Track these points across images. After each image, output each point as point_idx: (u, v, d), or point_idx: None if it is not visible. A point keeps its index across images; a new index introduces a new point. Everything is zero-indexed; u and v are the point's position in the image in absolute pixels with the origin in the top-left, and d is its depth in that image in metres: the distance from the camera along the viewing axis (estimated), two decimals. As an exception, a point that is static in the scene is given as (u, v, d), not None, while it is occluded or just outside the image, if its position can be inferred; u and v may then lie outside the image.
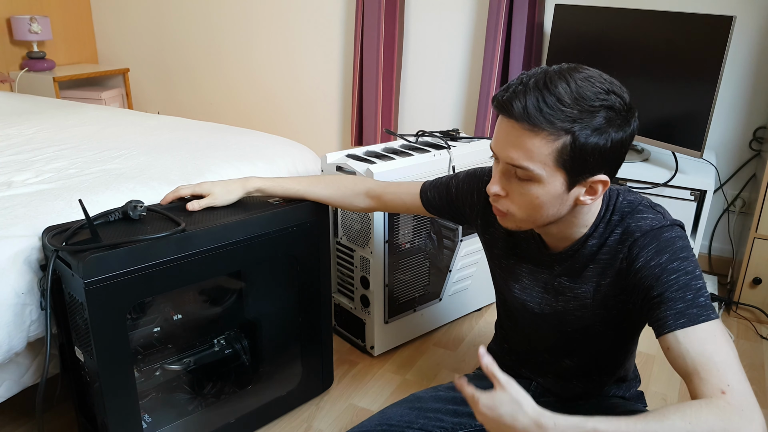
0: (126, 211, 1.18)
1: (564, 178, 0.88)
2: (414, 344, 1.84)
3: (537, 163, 0.86)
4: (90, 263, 1.02)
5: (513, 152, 0.88)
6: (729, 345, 0.83)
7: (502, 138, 0.89)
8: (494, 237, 1.15)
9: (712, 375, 0.79)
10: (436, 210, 1.27)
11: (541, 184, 0.88)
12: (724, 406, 0.76)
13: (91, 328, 1.05)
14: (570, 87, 0.84)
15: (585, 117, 0.84)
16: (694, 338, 0.83)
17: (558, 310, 1.07)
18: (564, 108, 0.83)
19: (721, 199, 2.29)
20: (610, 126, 0.85)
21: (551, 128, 0.84)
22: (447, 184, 1.24)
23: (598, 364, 1.12)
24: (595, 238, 0.99)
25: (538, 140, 0.85)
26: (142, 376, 1.31)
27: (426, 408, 1.16)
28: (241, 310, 1.42)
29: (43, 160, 1.56)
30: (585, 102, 0.84)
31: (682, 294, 0.86)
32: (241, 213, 1.25)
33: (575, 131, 0.84)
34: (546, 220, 0.94)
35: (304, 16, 2.94)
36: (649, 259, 0.91)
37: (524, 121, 0.85)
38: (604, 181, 0.90)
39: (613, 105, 0.85)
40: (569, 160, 0.86)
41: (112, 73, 3.42)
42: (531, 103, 0.84)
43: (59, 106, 2.32)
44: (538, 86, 0.84)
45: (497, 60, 2.42)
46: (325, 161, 1.66)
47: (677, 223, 0.95)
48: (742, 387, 0.78)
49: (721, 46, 1.70)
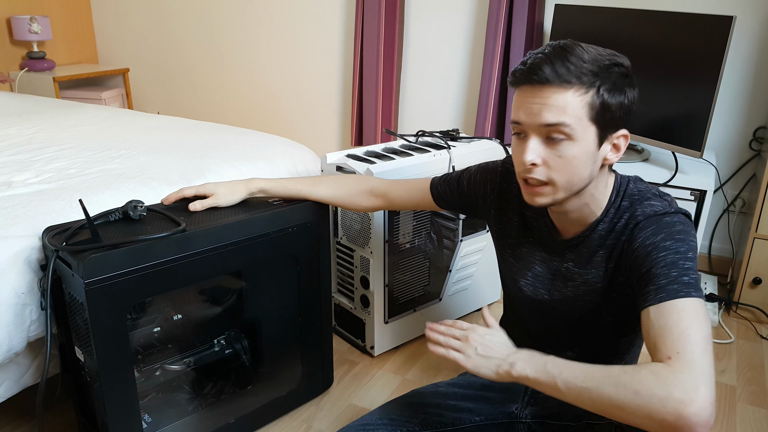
0: (126, 211, 1.18)
1: (595, 133, 0.93)
2: (414, 344, 1.84)
3: (572, 116, 0.91)
4: (90, 263, 1.02)
5: (547, 112, 0.91)
6: (700, 323, 0.81)
7: (530, 105, 0.93)
8: (508, 226, 1.16)
9: (664, 344, 0.80)
10: (447, 203, 1.29)
11: (575, 142, 0.92)
12: (662, 368, 0.77)
13: (91, 328, 1.05)
14: (584, 49, 0.92)
15: (603, 73, 0.91)
16: (665, 312, 0.83)
17: (567, 296, 1.08)
18: (585, 64, 0.90)
19: (721, 199, 2.29)
20: (624, 81, 0.93)
21: (579, 82, 0.90)
22: (458, 178, 1.26)
23: (601, 354, 1.13)
24: (605, 224, 1.01)
25: (570, 94, 0.90)
26: (142, 376, 1.31)
27: (426, 403, 1.16)
28: (241, 310, 1.42)
29: (43, 160, 1.56)
30: (600, 60, 0.92)
31: (667, 271, 0.87)
32: (241, 213, 1.25)
33: (599, 85, 0.91)
34: (582, 183, 0.96)
35: (305, 16, 2.94)
36: (645, 239, 0.94)
37: (555, 79, 0.90)
38: (625, 135, 0.96)
39: (622, 62, 0.94)
40: (599, 113, 0.92)
41: (112, 73, 3.42)
42: (558, 63, 0.90)
43: (59, 106, 2.32)
44: (556, 52, 0.92)
45: (497, 60, 2.42)
46: (325, 161, 1.66)
47: (682, 212, 0.97)
48: (695, 357, 0.77)
49: (721, 46, 1.70)
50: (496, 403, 1.19)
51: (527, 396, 1.20)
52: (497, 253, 1.22)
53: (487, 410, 1.17)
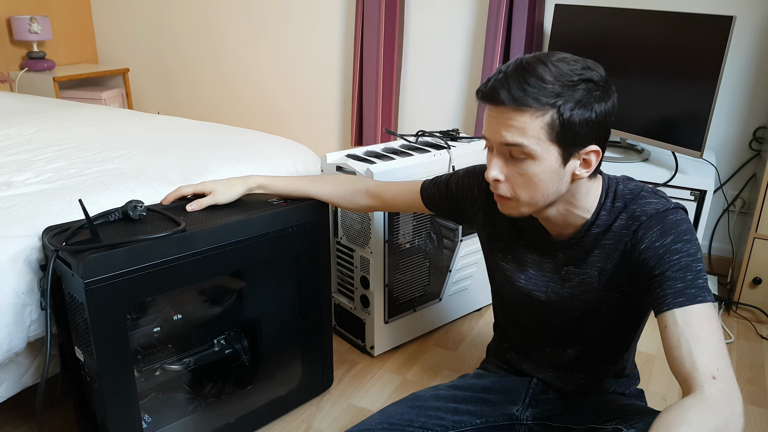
0: (126, 211, 1.18)
1: (558, 151, 0.92)
2: (414, 344, 1.84)
3: (531, 137, 0.90)
4: (90, 263, 1.02)
5: (505, 132, 0.91)
6: (719, 328, 0.88)
7: (492, 124, 0.93)
8: (497, 230, 1.16)
9: (704, 358, 0.83)
10: (436, 207, 1.28)
11: (537, 161, 0.92)
12: (718, 398, 0.79)
13: (91, 328, 1.05)
14: (548, 67, 0.90)
15: (567, 91, 0.89)
16: (691, 319, 0.87)
17: (564, 296, 1.08)
18: (546, 85, 0.89)
19: (721, 199, 2.29)
20: (592, 97, 0.91)
21: (537, 104, 0.89)
22: (447, 181, 1.26)
23: (600, 351, 1.13)
24: (598, 226, 1.02)
25: (527, 117, 0.89)
26: (142, 376, 1.32)
27: (426, 407, 1.16)
28: (241, 310, 1.43)
29: (43, 160, 1.56)
30: (564, 77, 0.89)
31: (682, 274, 0.90)
32: (241, 213, 1.25)
33: (560, 105, 0.89)
34: (547, 199, 0.96)
35: (304, 16, 2.94)
36: (653, 240, 0.94)
37: (510, 102, 0.89)
38: (596, 150, 0.94)
39: (591, 78, 0.91)
40: (560, 133, 0.90)
41: (112, 73, 3.42)
42: (514, 87, 0.89)
43: (59, 106, 2.32)
44: (517, 71, 0.90)
45: (497, 60, 2.42)
46: (325, 161, 1.66)
47: (680, 207, 0.98)
48: (728, 371, 0.83)
49: (721, 46, 1.71)
50: (497, 406, 1.19)
51: (528, 398, 1.20)
52: (487, 258, 1.22)
53: (488, 413, 1.17)
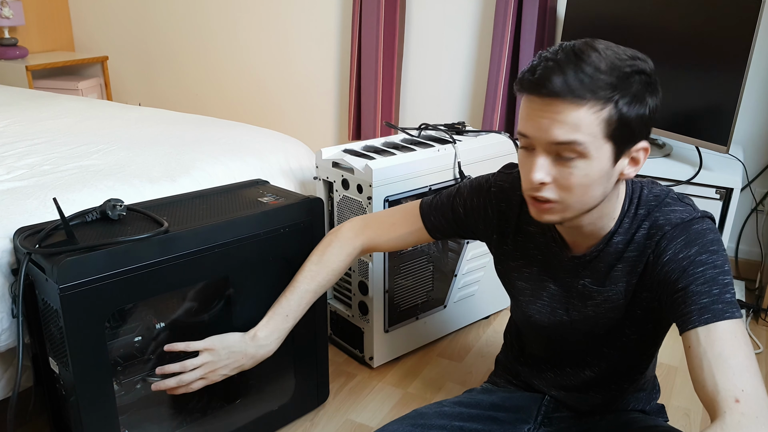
0: (104, 210, 1.18)
1: (612, 149, 0.90)
2: (416, 355, 1.84)
3: (586, 134, 0.88)
4: (65, 267, 1.02)
5: (557, 129, 0.88)
6: (748, 346, 0.86)
7: (537, 119, 0.89)
8: (511, 248, 1.16)
9: (727, 379, 0.82)
10: (443, 233, 1.26)
11: (588, 160, 0.89)
12: (740, 423, 0.79)
13: (66, 337, 1.05)
14: (601, 56, 0.87)
15: (623, 83, 0.87)
16: (715, 337, 0.85)
17: (588, 315, 1.08)
18: (602, 76, 0.86)
19: (748, 197, 2.29)
20: (646, 91, 0.89)
21: (595, 97, 0.86)
22: (451, 204, 1.23)
23: (620, 370, 1.13)
24: (620, 235, 1.00)
25: (584, 111, 0.87)
26: (121, 390, 1.31)
27: (430, 425, 1.15)
28: (229, 317, 1.42)
29: (14, 156, 1.56)
30: (619, 69, 0.87)
31: (708, 288, 0.89)
32: (228, 212, 1.25)
33: (617, 99, 0.87)
34: (594, 202, 0.94)
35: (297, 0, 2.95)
36: (677, 252, 0.93)
37: (567, 94, 0.86)
38: (645, 148, 0.94)
39: (644, 69, 0.89)
40: (617, 129, 0.89)
41: (90, 62, 3.42)
42: (571, 75, 0.86)
43: (32, 97, 2.32)
44: (570, 59, 0.87)
45: (506, 47, 2.43)
46: (320, 156, 1.66)
47: (707, 215, 0.97)
48: (757, 391, 0.81)
49: (749, 30, 1.70)
50: (507, 424, 1.18)
51: (540, 416, 1.20)
52: (503, 278, 1.21)
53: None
